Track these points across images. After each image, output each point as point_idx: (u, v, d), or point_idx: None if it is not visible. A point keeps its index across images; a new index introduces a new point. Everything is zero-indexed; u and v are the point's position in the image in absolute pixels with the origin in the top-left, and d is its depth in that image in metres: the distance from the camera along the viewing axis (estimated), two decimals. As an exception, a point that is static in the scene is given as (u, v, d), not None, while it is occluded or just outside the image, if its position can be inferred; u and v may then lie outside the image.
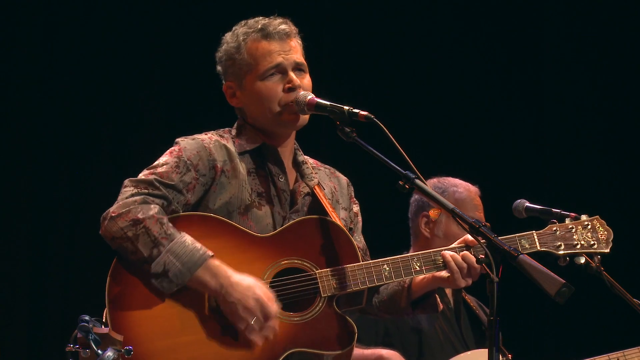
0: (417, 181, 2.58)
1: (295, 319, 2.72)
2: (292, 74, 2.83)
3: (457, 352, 3.31)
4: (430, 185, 3.55)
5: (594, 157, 5.75)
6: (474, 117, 5.72)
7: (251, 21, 2.89)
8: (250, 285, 2.64)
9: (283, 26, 2.86)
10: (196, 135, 2.84)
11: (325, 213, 2.85)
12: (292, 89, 2.82)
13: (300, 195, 2.87)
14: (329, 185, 2.99)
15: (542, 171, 5.77)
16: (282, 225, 2.80)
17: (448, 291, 3.76)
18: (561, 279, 2.35)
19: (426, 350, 3.33)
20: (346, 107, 2.72)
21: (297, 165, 2.94)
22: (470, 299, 3.83)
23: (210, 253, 2.63)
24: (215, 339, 2.64)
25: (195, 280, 2.61)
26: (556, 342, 5.53)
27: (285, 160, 2.89)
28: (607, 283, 3.04)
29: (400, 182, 2.60)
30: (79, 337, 2.39)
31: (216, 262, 2.63)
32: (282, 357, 2.67)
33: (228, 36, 2.91)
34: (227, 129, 2.92)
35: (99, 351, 2.34)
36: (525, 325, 5.53)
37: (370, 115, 2.66)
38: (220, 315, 2.65)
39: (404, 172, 2.59)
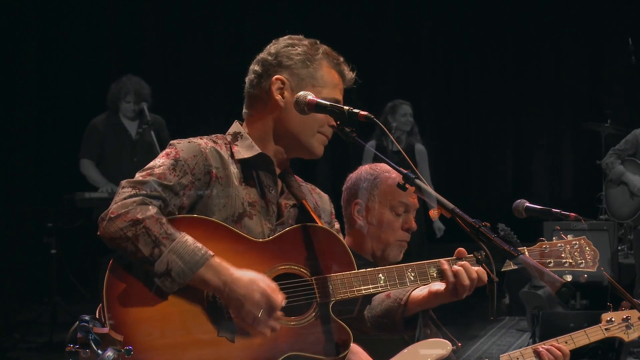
0: (417, 181, 2.76)
1: (292, 323, 2.88)
2: None
3: (407, 343, 3.45)
4: (362, 172, 3.74)
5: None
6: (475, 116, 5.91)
7: (328, 48, 3.13)
8: (253, 279, 2.80)
9: (352, 74, 3.14)
10: (191, 139, 3.00)
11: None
12: (333, 127, 3.05)
13: (286, 207, 3.08)
14: (311, 201, 3.19)
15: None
16: (269, 237, 2.98)
17: None
18: (561, 279, 2.53)
19: (377, 342, 3.47)
20: (346, 107, 2.89)
21: (285, 177, 3.14)
22: None
23: (211, 253, 2.77)
24: (213, 341, 2.79)
25: (198, 279, 2.76)
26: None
27: (276, 172, 3.08)
28: (608, 283, 3.22)
29: (401, 182, 2.79)
30: (79, 337, 2.57)
31: (217, 261, 2.78)
32: None
33: (306, 42, 3.11)
34: (220, 135, 3.09)
35: (99, 351, 2.52)
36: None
37: (370, 115, 2.83)
38: (218, 316, 2.81)
39: (404, 171, 2.79)
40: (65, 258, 8.01)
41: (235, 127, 3.12)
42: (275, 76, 3.05)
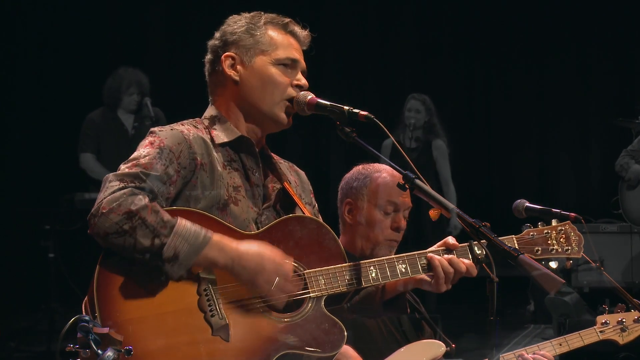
0: (417, 181, 2.95)
1: (286, 319, 3.07)
2: (301, 75, 3.28)
3: (400, 345, 3.63)
4: (354, 172, 3.96)
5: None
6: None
7: (272, 14, 3.34)
8: (259, 251, 3.00)
9: (305, 32, 3.33)
10: (174, 126, 3.18)
11: (298, 209, 3.27)
12: (300, 87, 3.26)
13: (272, 190, 3.28)
14: (292, 180, 3.39)
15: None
16: (257, 221, 3.18)
17: None
18: (561, 279, 2.71)
19: (369, 343, 3.64)
20: (346, 107, 3.09)
21: (265, 159, 3.34)
22: None
23: (211, 232, 2.95)
24: (208, 340, 2.94)
25: (204, 258, 2.93)
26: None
27: (257, 154, 3.26)
28: (608, 283, 3.39)
29: (401, 182, 2.98)
30: (79, 337, 2.73)
31: (219, 237, 2.96)
32: (274, 358, 2.99)
33: (248, 14, 3.32)
34: (197, 119, 3.29)
35: (99, 351, 2.67)
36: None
37: (370, 115, 3.03)
38: (212, 315, 2.97)
39: (404, 171, 2.98)
40: (63, 262, 8.07)
41: (212, 110, 3.30)
42: (224, 54, 3.26)
